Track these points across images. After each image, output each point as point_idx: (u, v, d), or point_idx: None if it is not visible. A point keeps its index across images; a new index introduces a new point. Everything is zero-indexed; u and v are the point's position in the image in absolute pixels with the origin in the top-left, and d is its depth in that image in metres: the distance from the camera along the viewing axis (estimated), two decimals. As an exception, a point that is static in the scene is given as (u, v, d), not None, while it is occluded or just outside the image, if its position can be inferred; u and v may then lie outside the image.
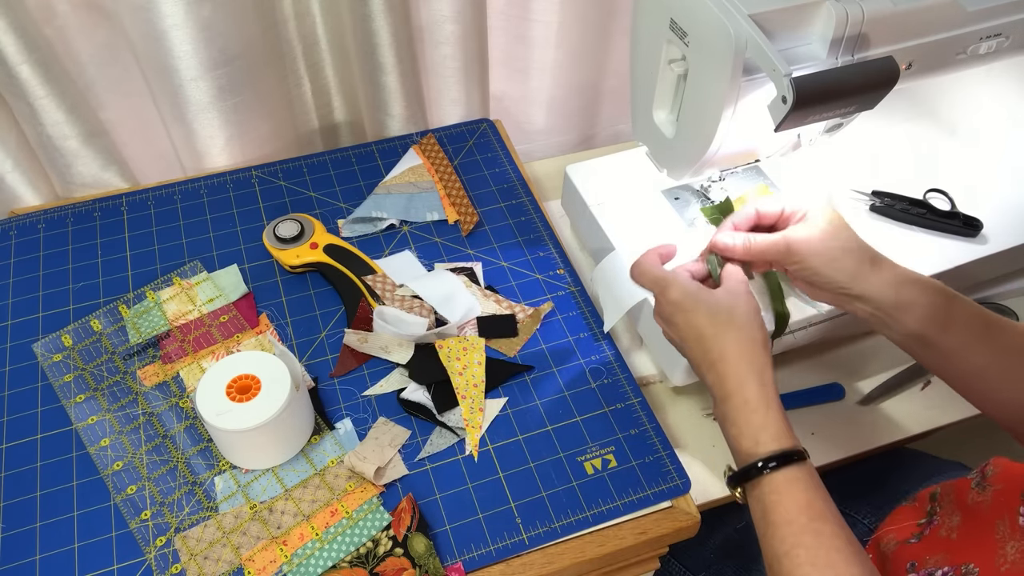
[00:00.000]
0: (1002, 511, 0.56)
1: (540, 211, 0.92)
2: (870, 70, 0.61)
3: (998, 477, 0.58)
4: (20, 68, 0.80)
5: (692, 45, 0.63)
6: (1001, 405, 0.60)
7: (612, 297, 0.77)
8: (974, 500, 0.59)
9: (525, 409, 0.74)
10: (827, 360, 0.83)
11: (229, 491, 0.68)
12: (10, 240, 0.86)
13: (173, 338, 0.78)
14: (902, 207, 0.81)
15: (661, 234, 0.79)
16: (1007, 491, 0.56)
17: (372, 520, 0.66)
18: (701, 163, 0.70)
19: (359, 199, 0.91)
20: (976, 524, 0.58)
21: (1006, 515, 0.55)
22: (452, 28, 0.96)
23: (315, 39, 0.99)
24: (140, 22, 0.81)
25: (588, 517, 0.67)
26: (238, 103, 0.91)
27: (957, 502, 0.62)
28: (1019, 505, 0.55)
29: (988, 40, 0.69)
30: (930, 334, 0.60)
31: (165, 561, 0.64)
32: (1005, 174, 0.86)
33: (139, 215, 0.89)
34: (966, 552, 0.57)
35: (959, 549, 0.58)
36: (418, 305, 0.80)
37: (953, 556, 0.58)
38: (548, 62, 1.09)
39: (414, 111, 1.01)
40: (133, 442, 0.71)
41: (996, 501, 0.57)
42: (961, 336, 0.60)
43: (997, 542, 0.55)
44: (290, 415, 0.67)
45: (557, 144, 1.21)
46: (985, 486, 0.59)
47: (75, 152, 0.89)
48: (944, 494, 0.64)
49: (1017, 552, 0.53)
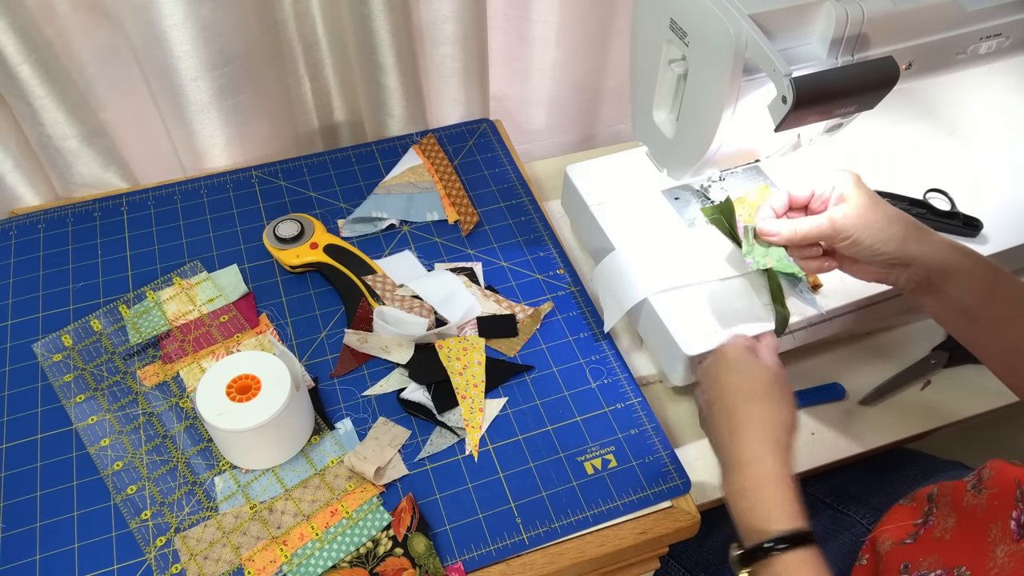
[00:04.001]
0: (995, 515, 0.56)
1: (540, 211, 0.92)
2: (870, 70, 0.61)
3: (993, 480, 0.58)
4: (20, 68, 0.80)
5: (692, 45, 0.63)
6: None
7: (612, 297, 0.77)
8: (969, 503, 0.59)
9: (525, 409, 0.74)
10: (827, 360, 0.83)
11: (229, 491, 0.68)
12: (10, 240, 0.86)
13: (173, 338, 0.78)
14: (902, 207, 0.80)
15: (661, 234, 0.80)
16: (1001, 495, 0.56)
17: (372, 520, 0.66)
18: (701, 163, 0.70)
19: (359, 199, 0.91)
20: (970, 527, 0.58)
21: (999, 519, 0.55)
22: (452, 28, 0.96)
23: (315, 39, 0.99)
24: (140, 22, 0.81)
25: (588, 517, 0.67)
26: (238, 103, 0.91)
27: (953, 504, 0.62)
28: (1011, 510, 0.55)
29: (988, 40, 0.69)
30: (975, 305, 0.60)
31: (165, 561, 0.64)
32: (1005, 174, 0.86)
33: (139, 215, 0.89)
34: (959, 555, 0.57)
35: (952, 551, 0.58)
36: (418, 305, 0.80)
37: (946, 558, 0.58)
38: (548, 62, 1.09)
39: (414, 111, 1.01)
40: (133, 442, 0.71)
41: (990, 505, 0.57)
42: (1006, 308, 0.59)
43: (989, 545, 0.55)
44: (290, 415, 0.67)
45: (557, 144, 1.21)
46: (981, 489, 0.59)
47: (75, 152, 0.89)
48: (941, 495, 0.64)
49: (1007, 556, 0.53)
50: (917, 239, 0.61)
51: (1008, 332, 0.60)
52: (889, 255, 0.62)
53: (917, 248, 0.61)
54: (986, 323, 0.60)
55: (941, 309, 0.63)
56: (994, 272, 0.60)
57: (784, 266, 0.73)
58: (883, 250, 0.61)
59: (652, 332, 0.76)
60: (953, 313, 0.62)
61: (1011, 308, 0.59)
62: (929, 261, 0.61)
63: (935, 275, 0.61)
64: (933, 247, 0.61)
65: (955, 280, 0.60)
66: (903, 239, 0.61)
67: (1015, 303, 0.60)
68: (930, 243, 0.61)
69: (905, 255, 0.61)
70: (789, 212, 0.68)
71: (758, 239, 0.67)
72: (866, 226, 0.61)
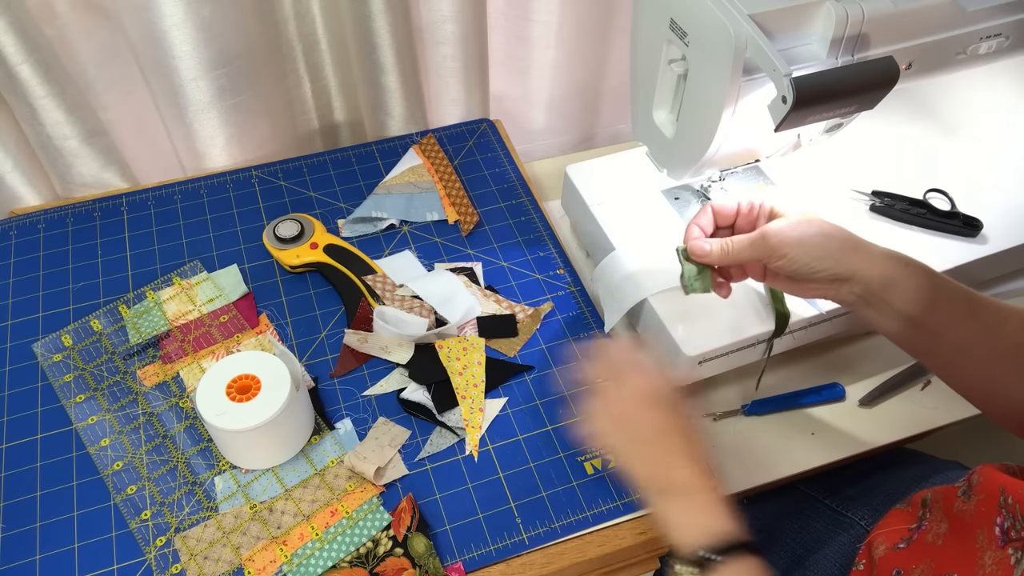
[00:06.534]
0: (982, 521, 0.56)
1: (540, 211, 0.92)
2: (870, 70, 0.61)
3: (982, 486, 0.58)
4: (20, 68, 0.80)
5: (692, 45, 0.63)
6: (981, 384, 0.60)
7: (612, 297, 0.77)
8: (959, 508, 0.59)
9: (525, 409, 0.74)
10: (827, 360, 0.83)
11: (229, 491, 0.68)
12: (10, 240, 0.86)
13: (173, 338, 0.78)
14: (902, 207, 0.81)
15: (661, 234, 0.79)
16: (987, 501, 0.56)
17: (372, 520, 0.66)
18: (701, 163, 0.70)
19: (359, 199, 0.91)
20: (960, 533, 0.58)
21: (985, 525, 0.55)
22: (452, 28, 0.96)
23: (315, 39, 0.99)
24: (140, 22, 0.81)
25: (588, 517, 0.67)
26: (238, 103, 0.91)
27: (945, 509, 0.61)
28: (996, 516, 0.54)
29: (988, 40, 0.69)
30: (917, 313, 0.59)
31: (165, 561, 0.64)
32: (1005, 174, 0.86)
33: (139, 215, 0.89)
34: (949, 561, 0.57)
35: (943, 557, 0.58)
36: (418, 305, 0.80)
37: (937, 565, 0.58)
38: (548, 62, 1.09)
39: (414, 111, 1.01)
40: (133, 442, 0.71)
41: (978, 511, 0.57)
42: (947, 313, 0.59)
43: (977, 552, 0.55)
44: (290, 415, 0.67)
45: (557, 144, 1.21)
46: (971, 495, 0.59)
47: (75, 152, 0.89)
48: (934, 500, 0.64)
49: (993, 563, 0.53)
50: (855, 252, 0.60)
51: (950, 335, 0.59)
52: (827, 271, 0.60)
53: (856, 261, 0.59)
54: (929, 328, 0.59)
55: (884, 319, 0.61)
56: (931, 279, 0.59)
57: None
58: (820, 267, 0.60)
59: (652, 332, 0.76)
60: (896, 322, 0.60)
61: (952, 311, 0.59)
62: (868, 274, 0.59)
63: (876, 287, 0.59)
64: (872, 259, 0.60)
65: (896, 290, 0.59)
66: (839, 256, 0.59)
67: (955, 305, 0.59)
68: (868, 255, 0.60)
69: (844, 270, 0.60)
70: (716, 231, 0.67)
71: (689, 260, 0.66)
72: (800, 242, 0.60)
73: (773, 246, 0.61)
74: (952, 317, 0.59)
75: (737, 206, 0.66)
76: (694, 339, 0.71)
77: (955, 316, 0.59)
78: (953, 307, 0.59)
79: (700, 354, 0.71)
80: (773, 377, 0.80)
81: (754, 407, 0.78)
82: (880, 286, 0.59)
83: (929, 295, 0.59)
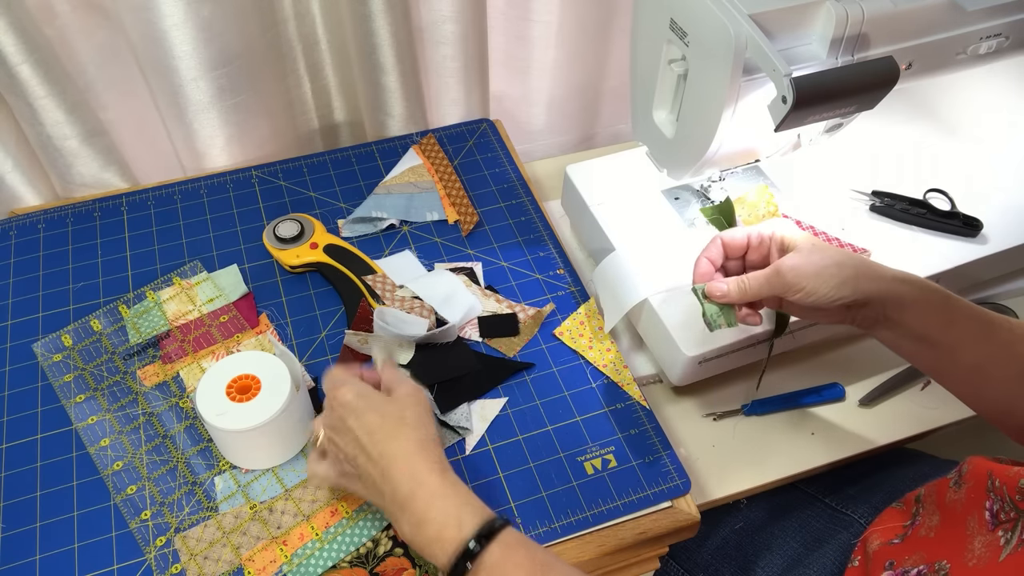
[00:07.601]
0: (972, 507, 0.56)
1: (540, 211, 0.92)
2: (870, 70, 0.61)
3: (970, 474, 0.59)
4: (20, 68, 0.80)
5: (692, 45, 0.63)
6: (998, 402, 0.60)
7: (612, 297, 0.77)
8: (951, 499, 0.60)
9: (525, 409, 0.74)
10: (827, 360, 0.83)
11: (229, 491, 0.68)
12: (10, 240, 0.86)
13: (173, 338, 0.78)
14: (902, 207, 0.81)
15: (661, 234, 0.80)
16: (976, 487, 0.57)
17: (372, 520, 0.66)
18: (701, 163, 0.70)
19: (359, 199, 0.91)
20: (951, 522, 0.59)
21: (975, 511, 0.56)
22: (452, 28, 0.96)
23: (315, 39, 0.99)
24: (140, 22, 0.81)
25: (588, 517, 0.67)
26: (238, 103, 0.91)
27: (937, 502, 0.62)
28: (985, 500, 0.55)
29: (988, 40, 0.69)
30: (933, 333, 0.60)
31: (165, 561, 0.64)
32: (1005, 174, 0.86)
33: (139, 215, 0.89)
34: (941, 550, 0.58)
35: (935, 547, 0.59)
36: (418, 305, 0.80)
37: (929, 554, 0.58)
38: (548, 62, 1.09)
39: (414, 111, 1.01)
40: (133, 442, 0.71)
41: (968, 497, 0.58)
42: (962, 332, 0.60)
43: (968, 538, 0.55)
44: (290, 415, 0.67)
45: (557, 144, 1.21)
46: (961, 484, 0.59)
47: (75, 152, 0.89)
48: (927, 495, 0.65)
49: (983, 547, 0.53)
50: (869, 277, 0.61)
51: (968, 355, 0.60)
52: (845, 299, 0.61)
53: (870, 286, 0.60)
54: (946, 348, 0.60)
55: (900, 340, 0.62)
56: (945, 298, 0.60)
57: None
58: (838, 295, 0.61)
59: (652, 332, 0.76)
60: (912, 342, 0.61)
61: (969, 331, 0.60)
62: (884, 297, 0.60)
63: (891, 309, 0.61)
64: (886, 282, 0.60)
65: (911, 311, 0.60)
66: (854, 283, 0.60)
67: (970, 324, 0.60)
68: (882, 279, 0.61)
69: (861, 296, 0.60)
70: (726, 262, 0.68)
71: (708, 299, 0.66)
72: (817, 275, 0.61)
73: (790, 282, 0.61)
74: (968, 336, 0.60)
75: (747, 238, 0.66)
76: (694, 339, 0.71)
77: (971, 335, 0.60)
78: (968, 326, 0.60)
79: (700, 354, 0.71)
80: (773, 377, 0.80)
81: (754, 407, 0.78)
82: (896, 307, 0.60)
83: (944, 316, 0.60)
